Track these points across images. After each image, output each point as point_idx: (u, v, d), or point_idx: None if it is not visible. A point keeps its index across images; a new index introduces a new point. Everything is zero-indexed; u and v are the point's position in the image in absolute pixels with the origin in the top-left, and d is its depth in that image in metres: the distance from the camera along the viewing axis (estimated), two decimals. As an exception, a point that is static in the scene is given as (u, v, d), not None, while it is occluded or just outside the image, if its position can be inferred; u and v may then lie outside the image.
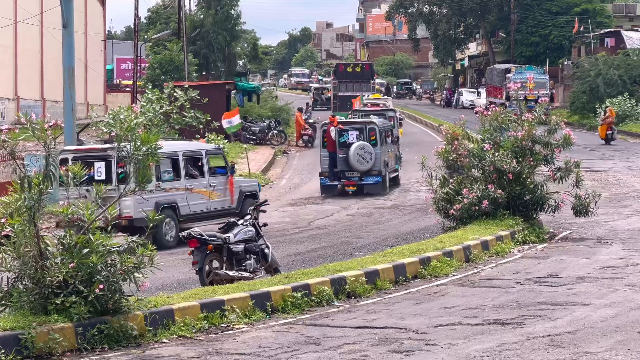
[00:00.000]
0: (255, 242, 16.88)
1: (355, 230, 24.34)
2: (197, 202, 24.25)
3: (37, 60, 59.28)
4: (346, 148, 31.80)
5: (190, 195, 24.03)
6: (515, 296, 14.79)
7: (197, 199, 24.25)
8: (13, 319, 11.98)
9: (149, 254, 12.58)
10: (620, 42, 69.92)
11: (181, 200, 23.69)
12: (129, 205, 22.02)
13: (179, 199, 23.65)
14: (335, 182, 32.05)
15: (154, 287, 15.42)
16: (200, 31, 73.48)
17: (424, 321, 13.17)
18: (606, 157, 40.80)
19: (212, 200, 24.75)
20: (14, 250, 12.34)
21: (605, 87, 57.96)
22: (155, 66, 59.00)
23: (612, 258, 18.25)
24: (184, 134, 36.10)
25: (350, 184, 32.00)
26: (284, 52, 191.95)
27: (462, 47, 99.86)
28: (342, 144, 31.92)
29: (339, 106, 62.50)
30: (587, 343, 11.46)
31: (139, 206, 21.64)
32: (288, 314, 14.07)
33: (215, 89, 47.85)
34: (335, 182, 32.05)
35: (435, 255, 17.65)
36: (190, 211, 23.93)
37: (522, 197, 21.36)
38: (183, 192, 23.83)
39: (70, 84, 23.59)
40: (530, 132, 21.13)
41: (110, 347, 12.12)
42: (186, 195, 23.91)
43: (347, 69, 68.00)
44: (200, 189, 24.47)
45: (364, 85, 63.79)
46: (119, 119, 24.17)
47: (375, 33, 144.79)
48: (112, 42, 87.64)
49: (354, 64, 75.40)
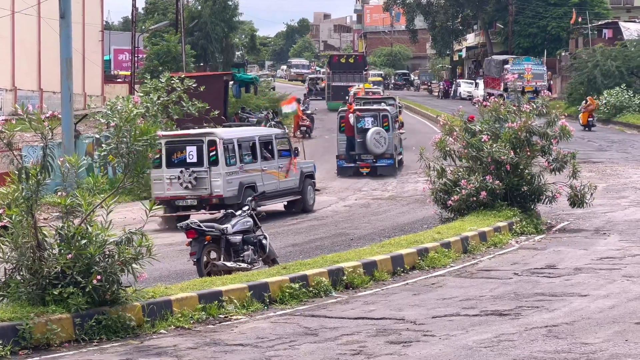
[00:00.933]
0: (253, 233, 16.89)
1: (353, 221, 24.34)
2: (270, 182, 25.91)
3: (35, 51, 59.16)
4: (363, 133, 34.24)
5: (264, 176, 25.78)
6: (512, 287, 14.80)
7: (270, 179, 25.98)
8: (11, 309, 11.98)
9: (147, 245, 12.58)
10: (617, 33, 69.89)
11: (258, 181, 25.38)
12: (219, 185, 24.11)
13: (257, 179, 25.40)
14: (351, 164, 34.35)
15: (152, 278, 15.43)
16: (197, 22, 73.41)
17: (422, 312, 13.18)
18: (603, 148, 40.82)
19: (281, 180, 26.49)
20: (11, 241, 12.34)
21: (602, 79, 57.96)
22: (153, 57, 58.90)
23: (610, 249, 18.26)
24: (182, 124, 36.06)
25: (365, 166, 34.46)
26: (282, 43, 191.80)
27: (460, 38, 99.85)
28: (359, 130, 34.43)
29: (333, 95, 67.07)
30: (584, 334, 11.47)
31: (228, 185, 24.12)
32: (286, 305, 14.08)
33: (213, 80, 47.72)
34: (351, 164, 34.35)
35: (433, 246, 17.65)
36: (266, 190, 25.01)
37: (519, 188, 21.37)
38: (259, 172, 25.64)
39: (68, 74, 23.58)
40: (528, 123, 21.12)
41: (108, 337, 12.13)
42: (262, 176, 25.66)
43: (341, 59, 71.40)
44: (272, 170, 26.22)
45: (356, 76, 67.00)
46: (116, 110, 24.19)
47: (373, 24, 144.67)
48: (109, 33, 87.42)
49: (347, 55, 78.00)
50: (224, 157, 24.26)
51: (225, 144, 24.45)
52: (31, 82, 58.61)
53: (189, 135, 25.10)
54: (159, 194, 24.51)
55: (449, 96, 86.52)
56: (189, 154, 24.24)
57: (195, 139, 24.53)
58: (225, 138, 24.78)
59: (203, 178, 24.07)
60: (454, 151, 21.65)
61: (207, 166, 24.07)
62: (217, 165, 24.13)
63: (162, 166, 24.27)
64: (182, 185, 24.24)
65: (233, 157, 24.66)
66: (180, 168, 24.20)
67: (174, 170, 24.28)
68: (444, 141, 21.69)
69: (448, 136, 21.71)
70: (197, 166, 24.10)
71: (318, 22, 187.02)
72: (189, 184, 24.14)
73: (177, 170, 24.23)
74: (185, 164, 24.22)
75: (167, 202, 24.55)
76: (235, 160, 24.69)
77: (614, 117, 54.09)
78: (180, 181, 24.22)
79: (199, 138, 24.49)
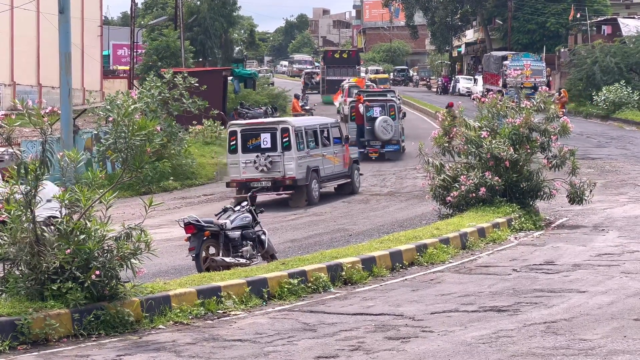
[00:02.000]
0: (251, 228, 16.89)
1: (351, 217, 24.34)
2: (328, 166, 28.52)
3: (34, 46, 59.14)
4: (371, 121, 37.31)
5: (324, 160, 28.35)
6: (511, 283, 14.81)
7: (328, 164, 28.52)
8: (9, 304, 11.98)
9: (146, 241, 12.57)
10: (616, 29, 69.85)
11: (320, 164, 28.04)
12: (292, 168, 26.79)
13: (319, 163, 28.01)
14: (361, 149, 35.57)
15: (151, 273, 15.44)
16: (196, 17, 73.33)
17: (421, 308, 13.18)
18: (602, 144, 40.81)
19: (336, 165, 28.99)
20: (10, 236, 12.33)
21: (601, 75, 57.88)
22: (152, 52, 58.84)
23: (608, 245, 18.26)
24: (182, 120, 36.07)
25: (374, 151, 37.40)
26: (281, 38, 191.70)
27: (459, 34, 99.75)
28: (368, 118, 37.49)
29: (327, 89, 69.68)
30: (583, 330, 11.48)
31: (298, 168, 26.77)
32: (284, 301, 14.08)
33: (212, 75, 47.73)
34: (361, 149, 35.57)
35: (432, 242, 17.66)
36: (325, 174, 28.29)
37: (518, 184, 21.37)
38: (320, 157, 28.18)
39: (67, 69, 23.52)
40: (528, 119, 21.12)
41: (106, 333, 12.13)
42: (322, 160, 28.24)
43: (335, 55, 73.93)
44: (329, 155, 28.69)
45: (350, 70, 69.73)
46: (115, 105, 24.26)
47: (372, 20, 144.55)
48: (108, 28, 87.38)
49: (341, 51, 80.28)
50: (295, 143, 26.87)
51: (296, 131, 27.05)
52: (30, 77, 58.60)
53: (263, 123, 28.52)
54: (235, 177, 27.31)
55: (448, 92, 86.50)
56: (263, 141, 26.81)
57: (269, 127, 27.30)
58: (296, 126, 27.42)
59: (277, 162, 26.70)
60: (453, 147, 21.64)
61: (281, 151, 26.69)
62: (289, 150, 26.76)
63: (237, 152, 26.98)
64: (258, 168, 26.76)
65: (302, 143, 27.22)
66: (256, 153, 26.73)
67: (249, 156, 26.84)
68: (442, 137, 21.68)
69: (446, 132, 21.71)
70: (271, 151, 26.69)
71: (317, 18, 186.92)
72: (265, 167, 26.68)
73: (252, 156, 26.79)
74: (260, 149, 26.79)
75: (243, 184, 26.82)
76: (303, 146, 27.28)
77: (613, 113, 54.05)
78: (255, 165, 26.75)
79: (273, 126, 27.28)
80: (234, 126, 27.75)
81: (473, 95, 61.93)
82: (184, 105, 32.45)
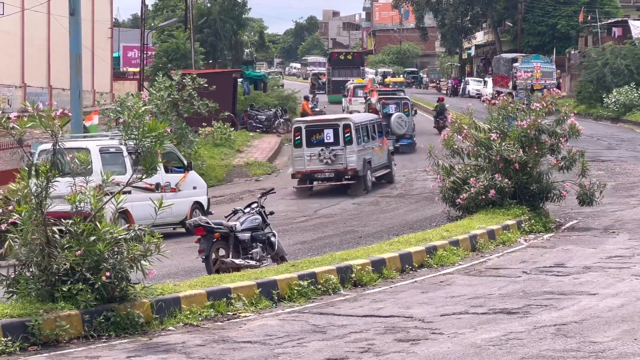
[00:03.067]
0: (261, 230, 16.90)
1: (361, 218, 24.34)
2: (376, 157, 31.42)
3: (44, 47, 59.23)
4: (387, 117, 39.61)
5: (373, 152, 31.15)
6: (521, 285, 14.79)
7: (375, 155, 31.34)
8: (20, 306, 12.01)
9: (156, 242, 12.58)
10: (627, 31, 69.74)
11: (371, 156, 30.91)
12: (353, 160, 29.69)
13: (371, 156, 30.91)
14: None
15: (161, 274, 15.45)
16: (207, 19, 73.35)
17: (430, 310, 13.17)
18: (613, 146, 40.75)
19: (379, 156, 31.81)
20: (21, 237, 12.35)
21: (612, 77, 57.84)
22: (162, 54, 58.93)
23: (619, 248, 18.22)
24: (191, 122, 36.11)
25: None
26: (291, 40, 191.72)
27: (469, 36, 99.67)
28: (384, 115, 39.63)
29: (333, 89, 73.58)
30: (593, 333, 11.45)
31: (358, 160, 29.62)
32: (294, 303, 14.08)
33: (222, 77, 47.81)
34: None
35: (442, 244, 17.65)
36: (374, 164, 31.18)
37: (528, 186, 21.35)
38: (371, 150, 31.05)
39: (77, 71, 23.58)
40: (537, 121, 21.09)
41: (116, 334, 12.14)
42: (372, 153, 31.07)
43: (340, 56, 78.11)
44: (376, 148, 31.56)
45: (354, 71, 73.05)
46: (126, 106, 24.32)
47: (382, 22, 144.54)
48: (118, 30, 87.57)
49: (345, 53, 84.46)
50: (355, 138, 29.63)
51: (356, 127, 29.90)
52: (40, 79, 58.70)
53: (326, 120, 31.63)
54: (300, 168, 30.12)
55: (458, 94, 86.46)
56: (326, 136, 29.75)
57: (332, 123, 30.34)
58: (356, 122, 30.34)
59: (340, 155, 29.56)
60: (463, 149, 21.64)
61: (343, 145, 29.58)
62: (351, 144, 29.67)
63: (302, 146, 29.80)
64: (322, 161, 29.58)
65: (359, 138, 30.01)
66: (320, 147, 29.59)
67: (314, 149, 29.67)
68: (452, 139, 21.67)
69: (457, 134, 21.70)
70: (334, 145, 29.62)
71: (327, 20, 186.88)
72: (329, 160, 29.54)
73: (316, 149, 29.64)
74: (323, 143, 29.66)
75: (307, 175, 30.02)
76: (360, 140, 30.10)
77: (623, 115, 53.99)
78: (320, 158, 29.58)
79: (335, 122, 30.24)
80: (298, 123, 31.14)
81: (483, 97, 61.88)
82: (194, 107, 32.48)
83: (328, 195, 30.17)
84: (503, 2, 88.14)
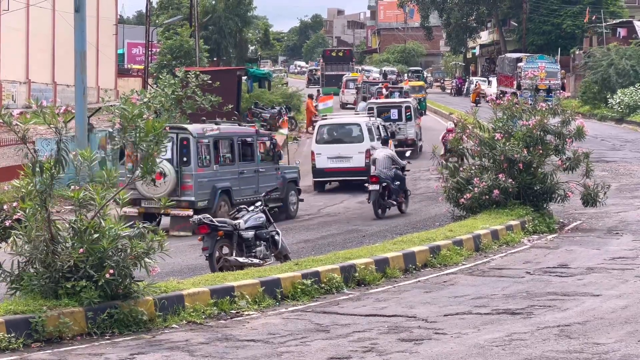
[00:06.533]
0: (265, 228, 16.89)
1: (365, 217, 24.34)
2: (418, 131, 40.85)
3: (49, 44, 59.30)
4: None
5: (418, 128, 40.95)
6: (525, 286, 14.78)
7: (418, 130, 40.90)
8: (24, 302, 12.02)
9: (159, 240, 12.59)
10: (632, 32, 69.68)
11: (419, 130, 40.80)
12: (412, 132, 39.31)
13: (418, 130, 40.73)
14: None
15: (164, 272, 15.45)
16: (211, 17, 73.40)
17: (434, 310, 13.17)
18: (617, 147, 40.71)
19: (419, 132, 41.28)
20: (25, 234, 12.36)
21: (617, 78, 57.78)
22: (166, 51, 58.90)
23: (623, 249, 18.21)
24: (195, 119, 36.07)
25: None
26: (295, 38, 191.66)
27: (474, 35, 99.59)
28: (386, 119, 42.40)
29: (326, 82, 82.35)
30: (596, 334, 11.45)
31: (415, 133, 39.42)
32: (298, 301, 14.08)
33: (226, 74, 47.69)
34: None
35: (445, 244, 17.64)
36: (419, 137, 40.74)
37: (532, 186, 21.33)
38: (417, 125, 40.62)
39: (82, 68, 23.55)
40: (542, 121, 21.08)
41: (120, 331, 12.15)
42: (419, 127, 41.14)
43: (332, 53, 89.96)
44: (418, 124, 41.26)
45: (345, 66, 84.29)
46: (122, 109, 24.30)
47: (387, 20, 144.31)
48: (123, 27, 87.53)
49: (337, 50, 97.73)
50: (412, 116, 39.37)
51: (412, 108, 39.87)
52: (45, 75, 58.77)
53: (393, 102, 42.05)
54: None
55: (462, 93, 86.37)
56: (392, 114, 39.18)
57: (396, 105, 40.54)
58: (413, 104, 41.06)
59: (402, 128, 38.95)
60: (467, 149, 21.62)
61: (405, 121, 39.15)
62: (411, 120, 39.38)
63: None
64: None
65: (410, 116, 39.27)
66: (388, 122, 36.70)
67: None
68: (456, 139, 21.66)
69: (461, 133, 21.69)
70: (399, 121, 39.00)
71: (331, 18, 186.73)
72: (395, 131, 37.62)
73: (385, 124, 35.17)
74: (390, 120, 38.18)
75: None
76: (411, 118, 39.31)
77: (628, 116, 53.90)
78: (389, 130, 35.19)
79: (399, 104, 40.45)
80: (371, 104, 40.77)
81: (487, 97, 61.77)
82: (197, 102, 32.44)
83: (332, 193, 30.15)
84: (508, 2, 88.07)
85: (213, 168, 22.94)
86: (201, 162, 22.63)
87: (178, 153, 22.37)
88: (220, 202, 22.84)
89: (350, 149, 30.62)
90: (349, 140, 31.14)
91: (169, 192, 21.91)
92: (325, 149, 30.66)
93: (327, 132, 31.71)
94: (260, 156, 24.77)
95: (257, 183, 24.25)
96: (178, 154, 22.37)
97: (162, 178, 21.79)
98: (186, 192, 22.24)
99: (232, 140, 23.92)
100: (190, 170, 22.28)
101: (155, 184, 19.93)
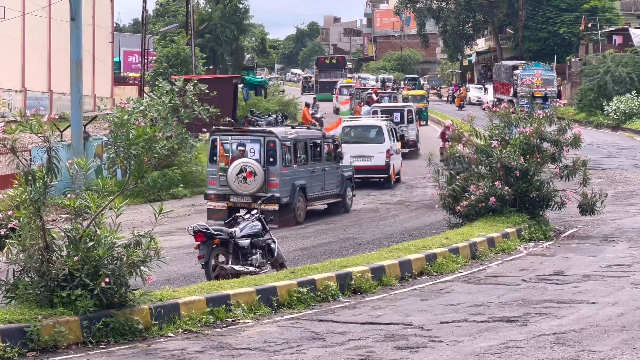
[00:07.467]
0: (261, 236, 16.88)
1: (361, 225, 24.32)
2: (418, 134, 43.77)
3: (45, 52, 59.27)
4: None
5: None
6: (521, 294, 14.78)
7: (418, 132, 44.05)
8: (19, 311, 11.98)
9: (155, 248, 12.57)
10: (628, 39, 69.76)
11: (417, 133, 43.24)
12: (413, 135, 41.88)
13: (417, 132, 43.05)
14: None
15: (160, 280, 15.44)
16: (208, 24, 73.42)
17: (430, 318, 13.17)
18: (613, 154, 40.75)
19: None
20: (19, 242, 12.34)
21: (613, 85, 57.86)
22: (162, 59, 58.90)
23: (619, 256, 18.22)
24: (192, 128, 36.07)
25: None
26: (292, 46, 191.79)
27: (471, 42, 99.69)
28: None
29: (320, 89, 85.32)
30: (592, 341, 11.45)
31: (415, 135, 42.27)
32: (294, 309, 14.07)
33: (223, 82, 47.70)
34: None
35: (441, 251, 17.64)
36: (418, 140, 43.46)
37: (528, 194, 21.34)
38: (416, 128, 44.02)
39: (78, 76, 23.61)
40: (539, 129, 21.09)
41: (115, 340, 12.12)
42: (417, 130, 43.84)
43: (326, 60, 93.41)
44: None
45: (338, 73, 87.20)
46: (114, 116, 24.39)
47: (383, 28, 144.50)
48: (119, 35, 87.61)
49: (330, 57, 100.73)
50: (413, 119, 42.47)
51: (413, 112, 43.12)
52: (41, 84, 58.74)
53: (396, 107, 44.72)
54: None
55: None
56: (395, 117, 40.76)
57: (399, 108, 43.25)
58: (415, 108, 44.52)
59: (404, 130, 40.70)
60: (463, 157, 21.62)
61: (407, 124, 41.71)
62: (412, 123, 42.13)
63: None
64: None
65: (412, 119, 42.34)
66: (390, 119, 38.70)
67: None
68: (452, 147, 21.67)
69: (457, 142, 21.70)
70: (401, 124, 40.85)
71: (328, 26, 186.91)
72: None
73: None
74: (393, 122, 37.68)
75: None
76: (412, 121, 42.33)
77: (623, 123, 53.99)
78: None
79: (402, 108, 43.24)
80: (375, 108, 42.57)
81: (483, 104, 61.86)
82: (194, 112, 32.42)
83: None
84: (505, 9, 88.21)
85: (293, 167, 24.90)
86: (284, 162, 24.50)
87: (265, 154, 24.26)
88: (299, 198, 24.87)
89: (372, 148, 32.39)
90: (371, 140, 32.94)
91: (258, 189, 23.85)
92: (349, 149, 31.46)
93: (351, 133, 33.42)
94: (326, 157, 26.44)
95: (324, 180, 26.21)
96: (265, 154, 24.26)
97: (253, 176, 23.80)
98: (272, 189, 24.17)
99: (305, 142, 25.77)
100: (276, 169, 24.28)
101: (246, 182, 23.48)
